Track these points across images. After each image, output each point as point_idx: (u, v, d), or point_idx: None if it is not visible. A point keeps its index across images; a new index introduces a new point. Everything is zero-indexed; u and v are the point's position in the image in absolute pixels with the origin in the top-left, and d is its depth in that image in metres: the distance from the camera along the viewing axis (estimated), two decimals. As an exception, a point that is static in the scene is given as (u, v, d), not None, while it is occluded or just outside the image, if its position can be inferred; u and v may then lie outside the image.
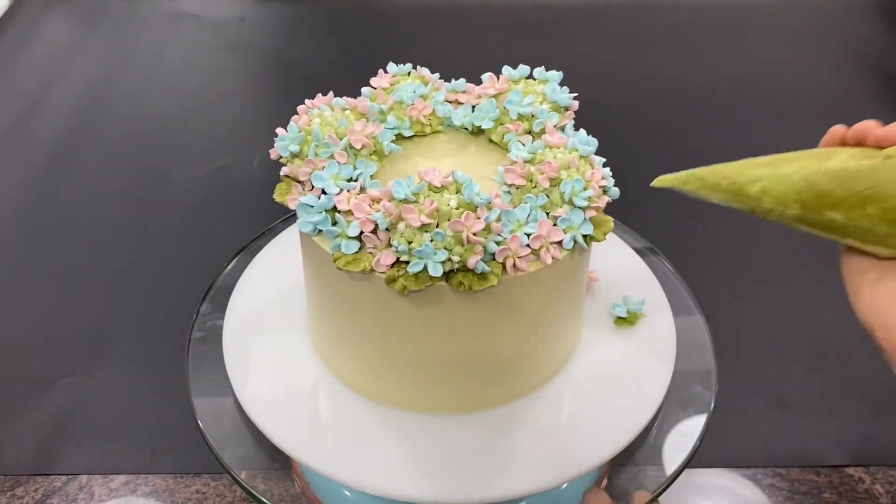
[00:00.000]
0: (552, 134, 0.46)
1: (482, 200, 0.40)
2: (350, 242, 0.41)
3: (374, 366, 0.47)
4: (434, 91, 0.51)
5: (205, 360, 0.54)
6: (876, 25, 1.30)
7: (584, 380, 0.49)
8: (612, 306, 0.53)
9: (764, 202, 0.39)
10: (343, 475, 0.44)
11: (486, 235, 0.40)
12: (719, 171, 0.41)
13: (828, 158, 0.37)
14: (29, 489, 0.63)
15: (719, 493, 0.63)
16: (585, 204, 0.42)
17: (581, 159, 0.44)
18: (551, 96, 0.49)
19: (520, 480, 0.44)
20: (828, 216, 0.37)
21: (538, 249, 0.41)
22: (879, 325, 0.35)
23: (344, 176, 0.44)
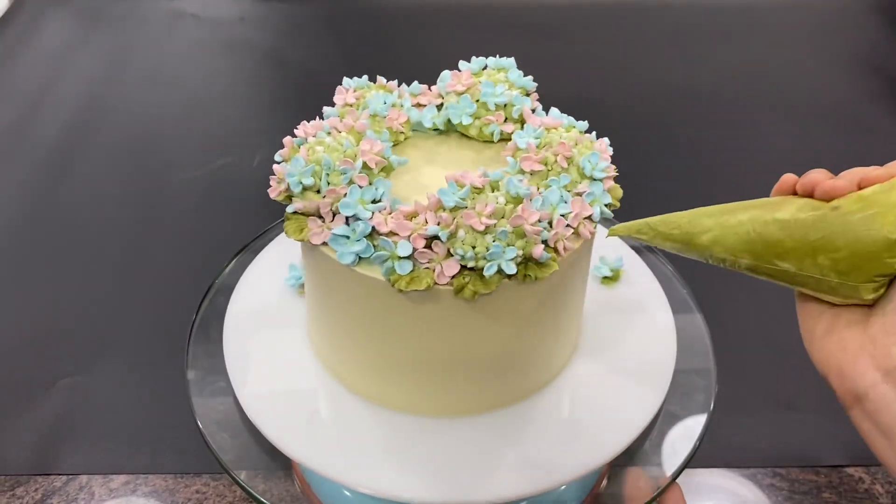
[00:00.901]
0: (530, 118, 0.47)
1: (526, 192, 0.40)
2: (403, 263, 0.40)
3: (376, 369, 0.47)
4: (400, 98, 0.51)
5: (205, 360, 0.54)
6: (876, 25, 1.30)
7: (584, 381, 0.49)
8: (595, 268, 0.56)
9: (715, 252, 0.40)
10: (342, 476, 0.44)
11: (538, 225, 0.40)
12: (672, 221, 0.42)
13: (777, 209, 0.38)
14: (29, 489, 0.63)
15: (719, 493, 0.63)
16: (604, 175, 0.44)
17: (583, 134, 0.46)
18: (518, 82, 0.50)
19: (519, 482, 0.44)
20: (779, 266, 0.38)
21: (577, 227, 0.42)
22: (833, 373, 0.36)
23: (368, 198, 0.42)
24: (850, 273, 0.35)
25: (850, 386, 0.34)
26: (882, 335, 0.34)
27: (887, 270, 0.35)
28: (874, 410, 0.33)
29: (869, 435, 0.34)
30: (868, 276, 0.35)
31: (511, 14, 1.32)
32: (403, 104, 0.50)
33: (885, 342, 0.33)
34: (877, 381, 0.33)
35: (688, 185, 0.95)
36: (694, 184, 0.95)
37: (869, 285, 0.35)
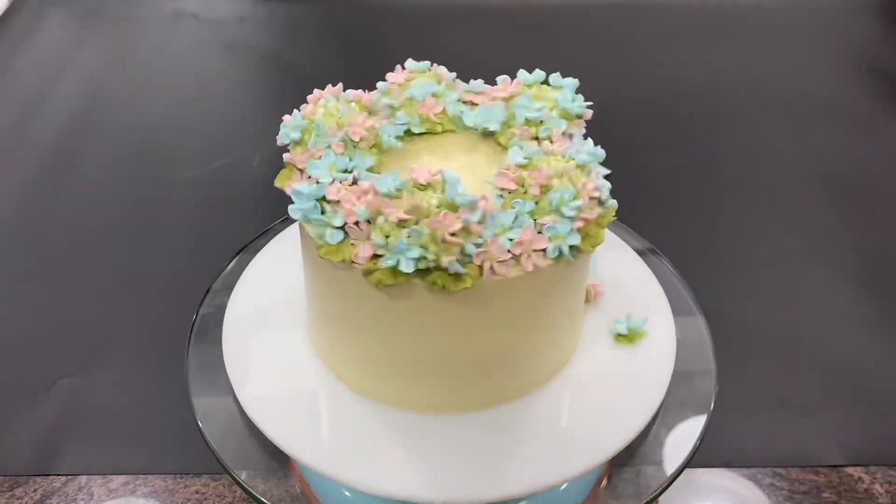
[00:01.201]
0: (559, 141, 0.46)
1: (465, 201, 0.39)
2: (335, 232, 0.41)
3: (369, 364, 0.47)
4: (448, 90, 0.51)
5: (205, 359, 0.54)
6: (876, 25, 1.30)
7: (585, 379, 0.49)
8: (614, 322, 0.52)
9: None
10: (342, 475, 0.44)
11: (465, 236, 0.39)
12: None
13: None
14: (28, 489, 0.63)
15: (719, 492, 0.63)
16: (574, 214, 0.41)
17: (578, 168, 0.43)
18: (561, 104, 0.48)
19: (519, 480, 0.44)
20: None
21: (519, 256, 0.41)
22: None
23: (339, 167, 0.44)
24: None
25: None
26: None
27: None
28: None
29: None
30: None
31: (511, 14, 1.32)
32: (448, 96, 0.50)
33: None
34: None
35: (687, 184, 0.95)
36: (694, 183, 0.95)
37: None
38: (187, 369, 0.54)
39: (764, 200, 0.92)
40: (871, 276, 0.82)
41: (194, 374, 0.53)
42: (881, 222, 0.88)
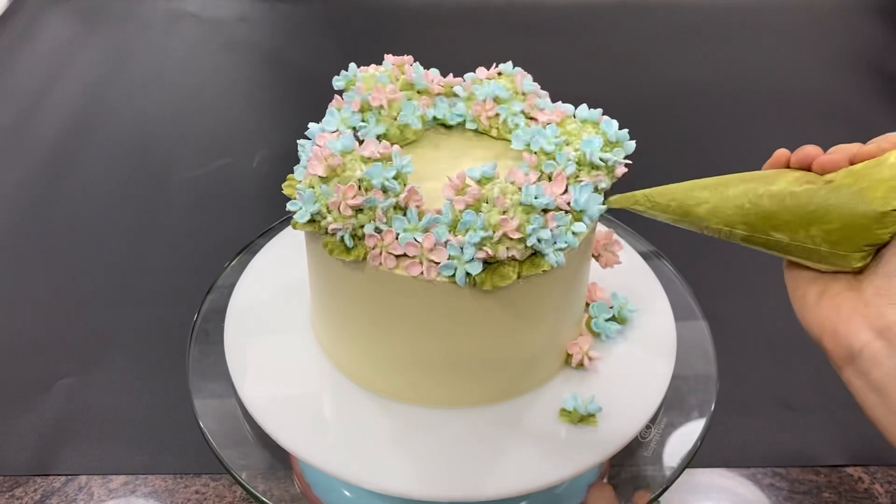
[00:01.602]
0: (556, 181, 0.44)
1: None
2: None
3: (376, 359, 0.47)
4: (515, 99, 0.50)
5: (205, 359, 0.54)
6: (876, 25, 1.30)
7: (585, 379, 0.49)
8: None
9: (711, 223, 0.41)
10: (345, 472, 0.44)
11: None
12: (668, 193, 0.43)
13: (771, 182, 0.40)
14: (28, 489, 0.63)
15: (719, 492, 0.63)
16: (475, 243, 0.40)
17: (520, 206, 0.42)
18: (589, 156, 0.45)
19: (520, 478, 0.44)
20: (773, 236, 0.40)
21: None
22: (827, 334, 0.37)
23: (350, 123, 0.47)
24: (840, 243, 0.37)
25: (844, 345, 0.36)
26: (875, 298, 0.36)
27: (876, 241, 0.37)
28: (867, 368, 0.35)
29: (860, 393, 0.36)
30: (857, 247, 0.37)
31: (511, 14, 1.32)
32: (512, 105, 0.50)
33: (877, 304, 0.36)
34: (870, 340, 0.35)
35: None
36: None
37: (857, 254, 0.37)
38: (188, 369, 0.54)
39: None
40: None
41: (195, 373, 0.53)
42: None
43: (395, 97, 0.49)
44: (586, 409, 0.47)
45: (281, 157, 0.95)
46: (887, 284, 0.36)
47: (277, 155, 0.96)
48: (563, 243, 0.42)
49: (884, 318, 0.35)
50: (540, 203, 0.41)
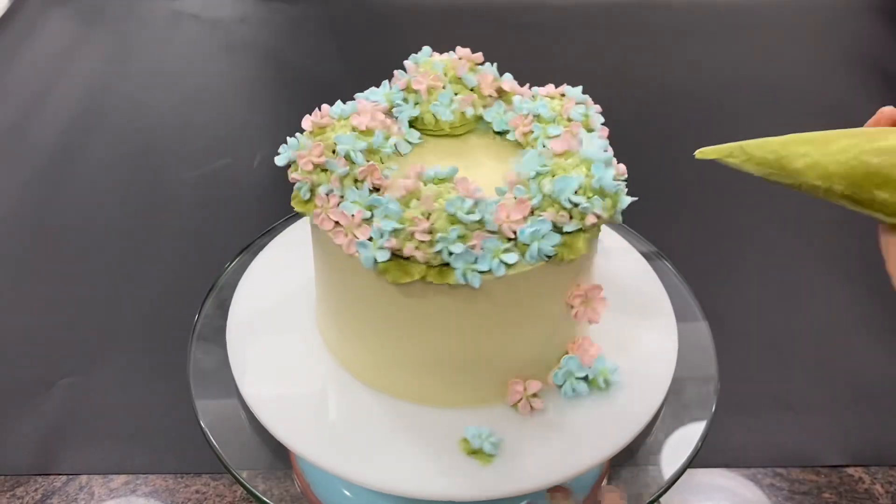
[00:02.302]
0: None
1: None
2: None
3: (381, 358, 0.47)
4: (558, 122, 0.49)
5: (206, 359, 0.54)
6: (876, 25, 1.30)
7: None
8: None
9: (809, 177, 0.39)
10: (347, 472, 0.44)
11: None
12: (765, 145, 0.41)
13: (879, 138, 0.38)
14: (29, 489, 0.63)
15: (719, 492, 0.63)
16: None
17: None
18: (557, 193, 0.43)
19: (521, 478, 0.44)
20: (877, 196, 0.38)
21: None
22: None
23: (393, 99, 0.50)
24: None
25: None
26: None
27: None
28: None
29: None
30: None
31: (511, 14, 1.32)
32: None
33: None
34: None
35: (687, 183, 0.95)
36: (693, 183, 0.95)
37: None
38: (189, 369, 0.54)
39: (764, 201, 0.92)
40: (872, 277, 0.82)
41: (196, 373, 0.53)
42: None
43: (436, 85, 0.49)
44: (481, 444, 0.45)
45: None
46: None
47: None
48: (485, 266, 0.41)
49: None
50: (466, 217, 0.40)
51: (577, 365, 0.47)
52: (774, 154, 0.40)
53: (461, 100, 0.50)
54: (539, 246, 0.41)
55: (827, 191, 0.39)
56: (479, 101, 0.50)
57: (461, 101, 0.50)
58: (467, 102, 0.50)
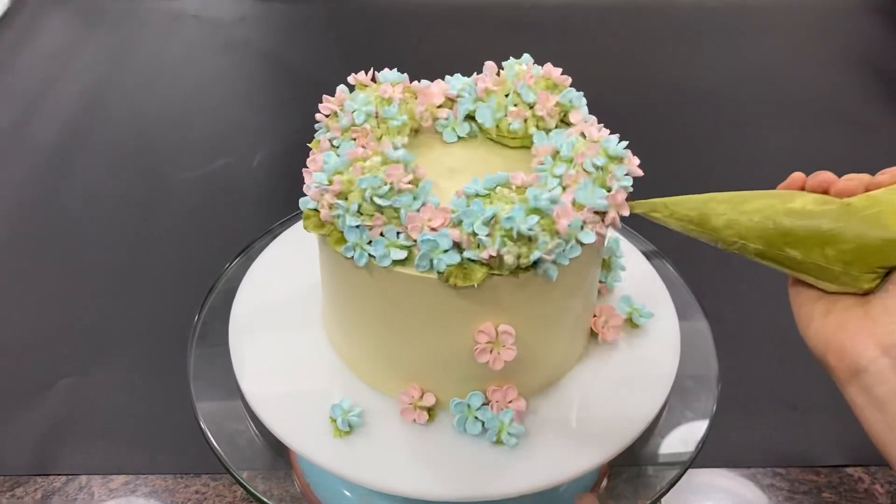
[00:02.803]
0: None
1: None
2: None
3: (387, 358, 0.47)
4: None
5: (206, 360, 0.54)
6: (876, 25, 1.30)
7: (589, 381, 0.49)
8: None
9: (727, 235, 0.42)
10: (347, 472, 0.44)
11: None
12: (686, 202, 0.44)
13: (790, 200, 0.41)
14: (29, 489, 0.63)
15: (719, 492, 0.63)
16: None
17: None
18: (505, 222, 0.43)
19: (522, 478, 0.44)
20: (787, 253, 0.41)
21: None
22: (833, 351, 0.39)
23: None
24: (854, 263, 0.39)
25: (850, 361, 0.37)
26: (883, 316, 0.37)
27: (889, 263, 0.38)
28: (871, 384, 0.36)
29: (863, 410, 0.37)
30: (870, 267, 0.38)
31: (511, 14, 1.32)
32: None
33: (886, 322, 0.37)
34: (877, 356, 0.36)
35: (687, 184, 0.94)
36: (693, 183, 0.94)
37: (869, 275, 0.38)
38: (189, 369, 0.54)
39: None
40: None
41: (196, 373, 0.53)
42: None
43: (494, 89, 0.50)
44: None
45: (281, 157, 0.96)
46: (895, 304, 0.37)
47: (277, 155, 0.96)
48: (376, 251, 0.42)
49: (892, 336, 0.36)
50: (379, 200, 0.42)
51: (479, 404, 0.45)
52: (695, 211, 0.44)
53: (513, 112, 0.49)
54: (431, 257, 0.41)
55: (742, 247, 0.42)
56: (533, 120, 0.49)
57: (512, 113, 0.49)
58: (517, 116, 0.49)
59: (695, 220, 0.43)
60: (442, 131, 0.51)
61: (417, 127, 0.51)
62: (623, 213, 0.44)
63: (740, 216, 0.42)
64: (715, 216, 0.43)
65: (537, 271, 0.41)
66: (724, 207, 0.42)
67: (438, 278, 0.41)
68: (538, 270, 0.41)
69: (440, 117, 0.51)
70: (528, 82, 0.49)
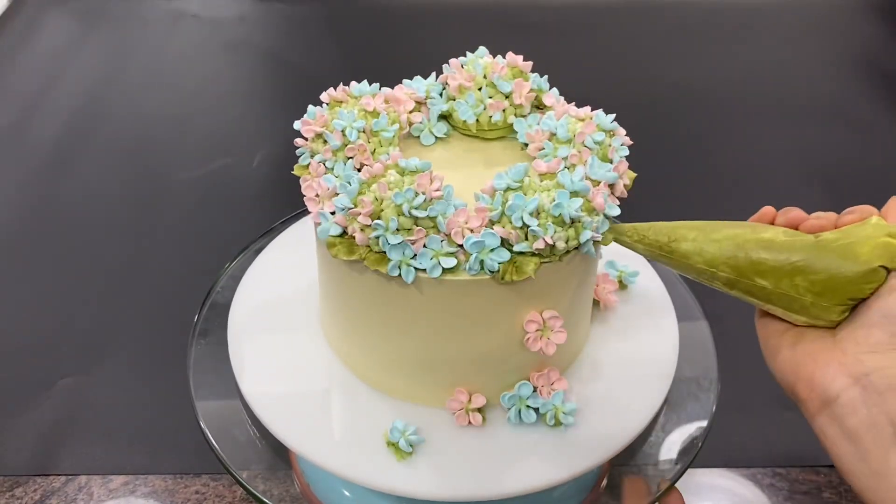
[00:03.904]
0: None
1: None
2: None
3: (386, 358, 0.47)
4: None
5: (206, 360, 0.54)
6: (876, 25, 1.30)
7: (588, 379, 0.49)
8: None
9: (695, 262, 0.42)
10: (347, 472, 0.44)
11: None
12: (655, 228, 0.44)
13: (762, 231, 0.41)
14: (28, 489, 0.63)
15: (719, 492, 0.63)
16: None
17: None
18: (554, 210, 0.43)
19: (522, 478, 0.44)
20: (757, 282, 0.41)
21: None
22: (803, 381, 0.38)
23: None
24: (824, 294, 0.39)
25: (820, 391, 0.37)
26: (853, 346, 0.37)
27: (859, 295, 0.38)
28: (842, 415, 0.36)
29: (833, 442, 0.37)
30: (841, 299, 0.38)
31: (511, 14, 1.32)
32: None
33: (855, 351, 0.37)
34: (847, 386, 0.36)
35: (687, 184, 0.95)
36: (693, 183, 0.95)
37: (839, 307, 0.39)
38: (189, 369, 0.54)
39: (764, 201, 0.92)
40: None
41: (196, 373, 0.53)
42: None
43: (468, 85, 0.50)
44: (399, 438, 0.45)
45: (281, 156, 0.96)
46: (866, 334, 0.37)
47: (277, 155, 0.96)
48: (423, 264, 0.41)
49: (862, 365, 0.36)
50: (415, 212, 0.41)
51: (530, 392, 0.46)
52: (664, 237, 0.43)
53: (491, 104, 0.49)
54: (482, 258, 0.41)
55: (713, 276, 0.42)
56: (511, 109, 0.49)
57: (491, 105, 0.49)
58: (496, 108, 0.49)
59: (664, 247, 0.43)
60: (419, 135, 0.50)
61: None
62: (626, 181, 0.45)
63: (710, 244, 0.42)
64: (685, 242, 0.42)
65: (581, 251, 0.42)
66: (694, 234, 0.42)
67: (492, 278, 0.41)
68: (582, 251, 0.42)
69: (415, 122, 0.50)
70: (500, 74, 0.49)
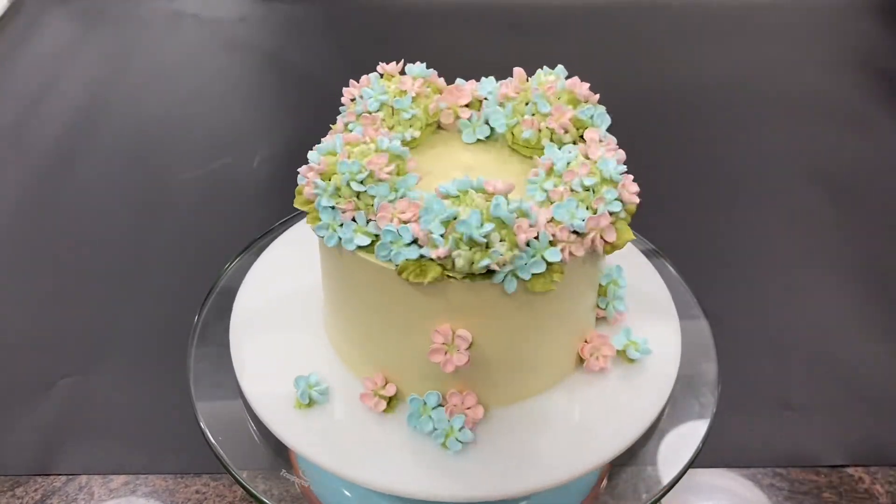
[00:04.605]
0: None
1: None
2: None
3: (386, 358, 0.47)
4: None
5: (206, 360, 0.54)
6: (876, 25, 1.30)
7: (590, 382, 0.49)
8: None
9: None
10: (347, 472, 0.44)
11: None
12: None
13: None
14: (28, 489, 0.63)
15: (719, 493, 0.63)
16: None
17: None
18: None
19: (523, 478, 0.44)
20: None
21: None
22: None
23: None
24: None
25: None
26: None
27: None
28: None
29: None
30: None
31: (512, 14, 1.32)
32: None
33: None
34: None
35: (687, 184, 0.95)
36: (693, 183, 0.95)
37: None
38: (189, 369, 0.54)
39: (764, 201, 0.92)
40: (871, 276, 0.82)
41: (196, 373, 0.53)
42: (882, 222, 0.88)
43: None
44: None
45: (281, 157, 0.96)
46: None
47: (278, 155, 0.96)
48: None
49: None
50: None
51: (435, 404, 0.46)
52: None
53: (525, 120, 0.49)
54: (391, 249, 0.42)
55: None
56: (546, 132, 0.48)
57: (527, 122, 0.49)
58: (528, 125, 0.48)
59: None
60: (463, 131, 0.51)
61: (437, 123, 0.51)
62: (608, 238, 0.42)
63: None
64: None
65: (493, 280, 0.41)
66: None
67: (396, 271, 0.41)
68: (494, 280, 0.40)
69: (462, 117, 0.51)
70: (546, 93, 0.49)
